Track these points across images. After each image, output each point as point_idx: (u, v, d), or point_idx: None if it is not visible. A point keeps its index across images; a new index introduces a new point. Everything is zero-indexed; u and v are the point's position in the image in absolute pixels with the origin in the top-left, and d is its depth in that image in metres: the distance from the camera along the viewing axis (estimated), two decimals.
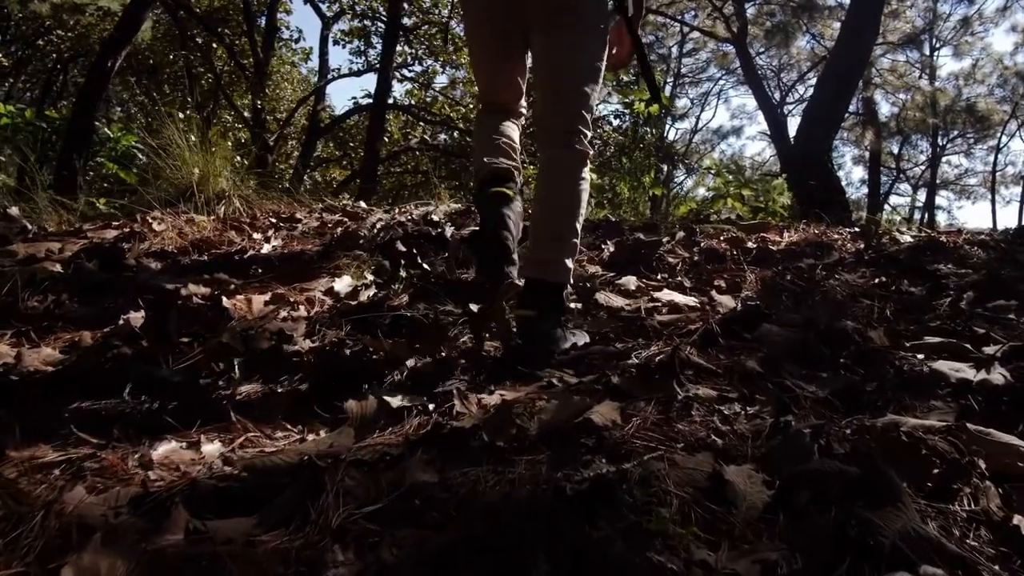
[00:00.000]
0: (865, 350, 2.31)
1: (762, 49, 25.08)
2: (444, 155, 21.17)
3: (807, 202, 8.67)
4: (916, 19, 24.36)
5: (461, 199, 6.29)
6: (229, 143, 18.27)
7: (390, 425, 1.56)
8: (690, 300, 2.78)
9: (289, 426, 1.66)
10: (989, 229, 5.05)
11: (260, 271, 3.02)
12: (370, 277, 2.92)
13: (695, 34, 27.21)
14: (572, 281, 2.39)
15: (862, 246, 3.82)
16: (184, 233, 3.58)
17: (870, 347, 2.37)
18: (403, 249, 3.17)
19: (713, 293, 2.87)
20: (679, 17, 21.31)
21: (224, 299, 2.36)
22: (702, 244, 3.71)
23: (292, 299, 2.57)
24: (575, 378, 1.91)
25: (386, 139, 22.44)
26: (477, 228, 2.60)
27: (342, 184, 19.66)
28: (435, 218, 4.38)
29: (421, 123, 21.29)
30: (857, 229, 4.40)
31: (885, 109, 27.47)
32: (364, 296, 2.72)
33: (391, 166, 23.03)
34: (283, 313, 2.38)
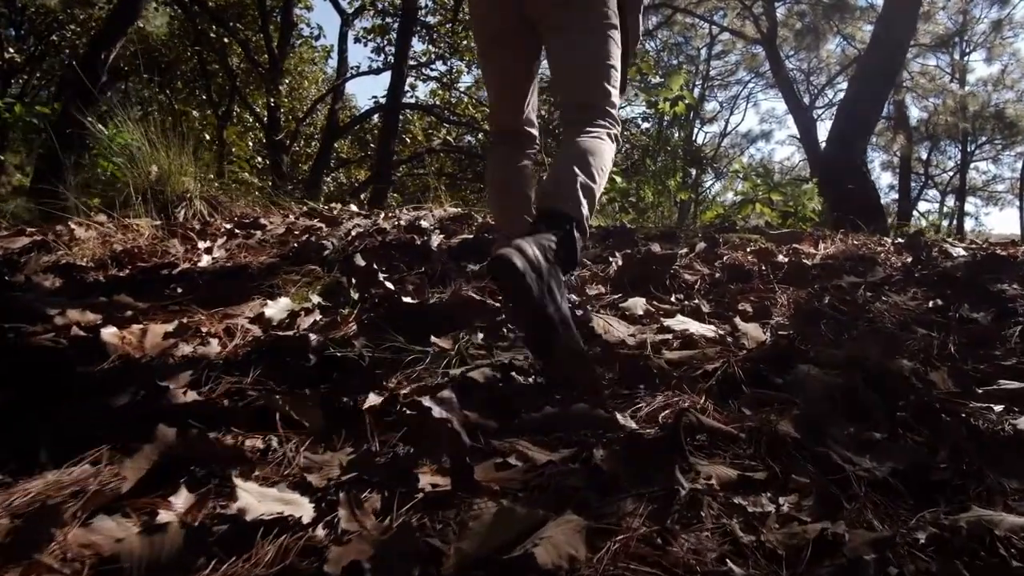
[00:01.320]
0: (927, 399, 1.82)
1: (791, 52, 24.53)
2: (468, 157, 20.70)
3: (841, 208, 8.11)
4: (947, 22, 23.77)
5: (460, 203, 5.79)
6: (249, 142, 17.92)
7: (233, 555, 1.06)
8: (708, 330, 2.28)
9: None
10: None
11: (181, 291, 2.54)
12: (315, 299, 2.44)
13: (724, 36, 26.67)
14: (587, 228, 2.15)
15: (910, 260, 3.30)
16: (111, 242, 3.12)
17: (933, 395, 1.88)
18: (362, 264, 2.69)
19: (737, 320, 2.37)
20: (708, 17, 20.73)
21: (110, 330, 1.89)
22: (725, 258, 3.21)
23: (206, 329, 2.09)
24: (543, 452, 1.42)
25: (407, 140, 22.10)
26: (470, 237, 2.73)
27: (363, 185, 19.24)
28: (424, 224, 3.91)
29: (445, 124, 20.80)
30: (901, 240, 3.88)
31: (914, 114, 26.83)
32: (307, 322, 2.24)
33: (415, 168, 22.63)
34: (186, 348, 1.91)
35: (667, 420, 1.59)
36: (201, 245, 3.21)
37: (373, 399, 1.67)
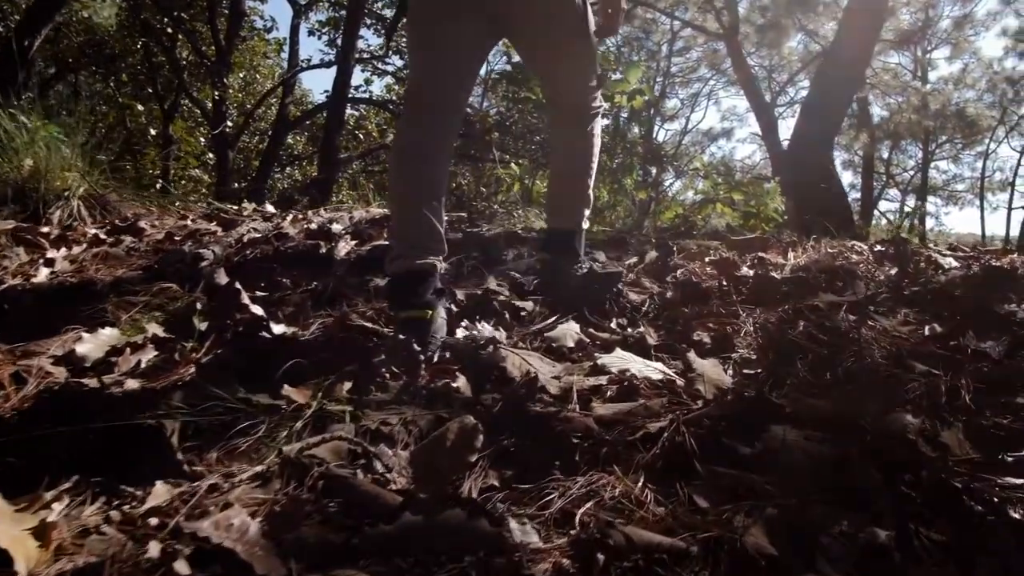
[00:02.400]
0: (941, 473, 1.34)
1: (754, 49, 24.17)
2: None
3: (809, 211, 7.67)
4: (908, 20, 23.66)
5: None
6: (202, 138, 17.18)
7: None
8: (654, 370, 1.77)
9: None
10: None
11: None
12: (152, 330, 1.89)
13: (685, 32, 26.28)
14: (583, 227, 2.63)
15: (895, 273, 2.82)
16: None
17: (950, 466, 1.39)
18: (222, 281, 2.14)
19: (691, 356, 1.86)
20: (669, 11, 20.28)
21: None
22: (679, 272, 2.70)
23: None
24: None
25: (361, 136, 21.37)
26: (384, 243, 2.60)
27: (313, 183, 18.50)
28: (335, 228, 3.36)
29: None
30: (881, 248, 3.40)
31: (875, 112, 26.70)
32: (130, 363, 1.69)
33: (371, 164, 21.93)
34: None
35: (582, 536, 1.07)
36: (49, 255, 2.64)
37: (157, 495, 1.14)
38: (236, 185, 20.33)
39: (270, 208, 4.61)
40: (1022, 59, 27.52)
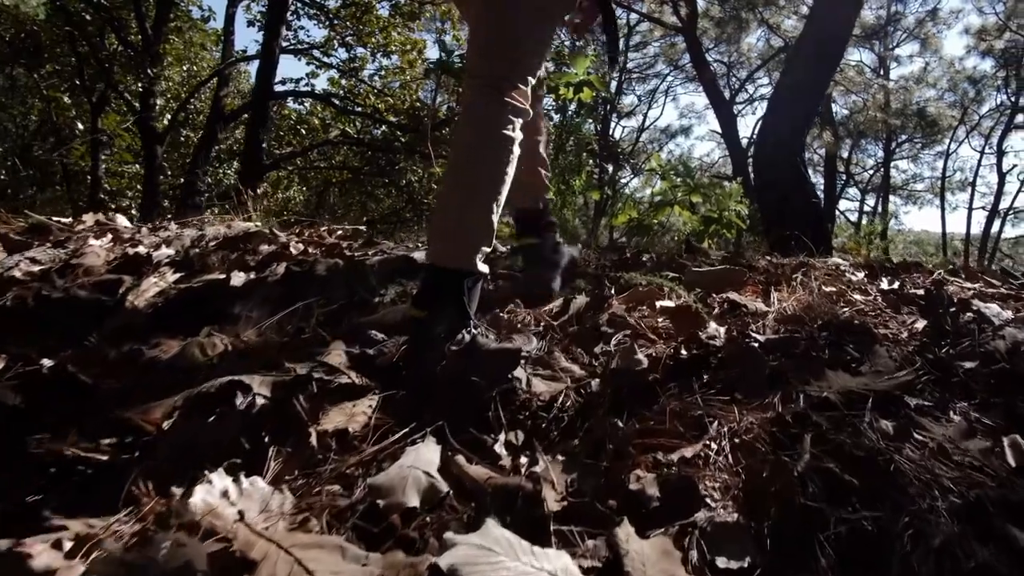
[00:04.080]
0: None
1: (712, 44, 23.51)
2: (372, 150, 18.88)
3: (774, 216, 6.87)
4: (871, 16, 23.24)
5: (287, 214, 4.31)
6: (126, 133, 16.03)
7: None
8: (546, 564, 0.90)
9: None
10: None
11: None
12: None
13: (643, 27, 25.56)
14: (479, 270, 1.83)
15: (922, 326, 1.99)
16: None
17: None
18: None
19: (620, 534, 1.00)
20: (626, 3, 19.45)
21: None
22: (616, 340, 1.82)
23: None
24: None
25: (303, 131, 20.18)
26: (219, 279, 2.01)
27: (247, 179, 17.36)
28: (158, 256, 2.45)
29: (350, 115, 19.01)
30: (888, 283, 2.57)
31: (835, 110, 26.24)
32: None
33: (316, 160, 20.83)
34: None
35: None
36: None
37: None
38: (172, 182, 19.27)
39: (123, 222, 3.67)
40: (984, 58, 27.27)
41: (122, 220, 3.68)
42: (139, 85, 14.82)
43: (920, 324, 2.04)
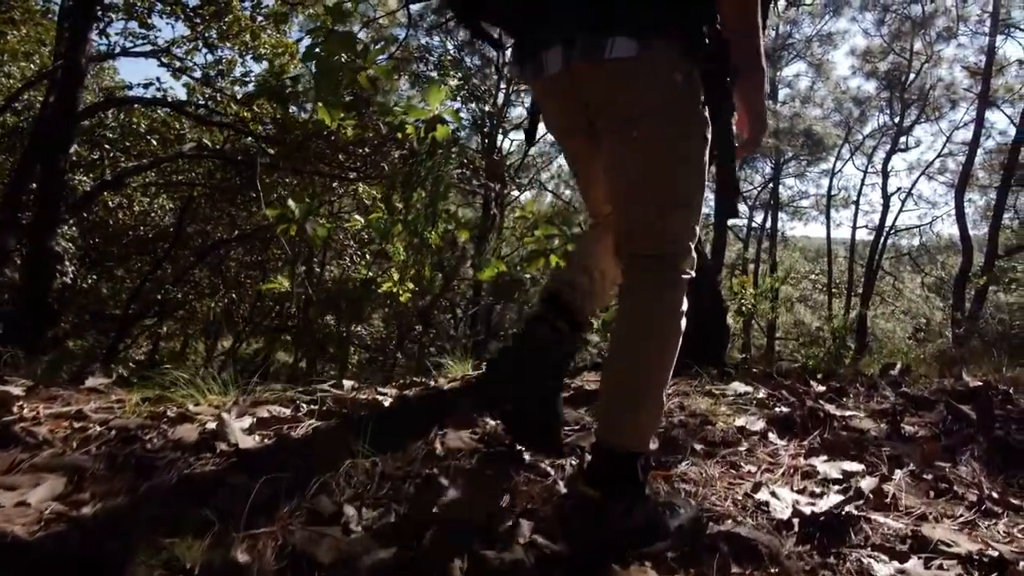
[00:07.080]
0: None
1: None
2: (233, 165, 16.74)
3: None
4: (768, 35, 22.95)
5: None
6: None
7: None
8: None
9: None
10: None
11: None
12: None
13: None
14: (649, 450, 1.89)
15: None
16: None
17: None
18: None
19: None
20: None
21: None
22: None
23: None
24: None
25: (154, 142, 17.99)
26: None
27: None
28: None
29: (212, 126, 16.89)
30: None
31: None
32: None
33: (171, 174, 18.77)
34: None
35: None
36: None
37: None
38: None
39: None
40: (868, 79, 27.41)
41: None
42: None
43: None
